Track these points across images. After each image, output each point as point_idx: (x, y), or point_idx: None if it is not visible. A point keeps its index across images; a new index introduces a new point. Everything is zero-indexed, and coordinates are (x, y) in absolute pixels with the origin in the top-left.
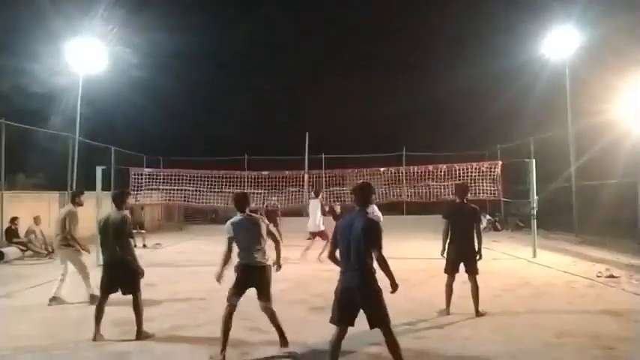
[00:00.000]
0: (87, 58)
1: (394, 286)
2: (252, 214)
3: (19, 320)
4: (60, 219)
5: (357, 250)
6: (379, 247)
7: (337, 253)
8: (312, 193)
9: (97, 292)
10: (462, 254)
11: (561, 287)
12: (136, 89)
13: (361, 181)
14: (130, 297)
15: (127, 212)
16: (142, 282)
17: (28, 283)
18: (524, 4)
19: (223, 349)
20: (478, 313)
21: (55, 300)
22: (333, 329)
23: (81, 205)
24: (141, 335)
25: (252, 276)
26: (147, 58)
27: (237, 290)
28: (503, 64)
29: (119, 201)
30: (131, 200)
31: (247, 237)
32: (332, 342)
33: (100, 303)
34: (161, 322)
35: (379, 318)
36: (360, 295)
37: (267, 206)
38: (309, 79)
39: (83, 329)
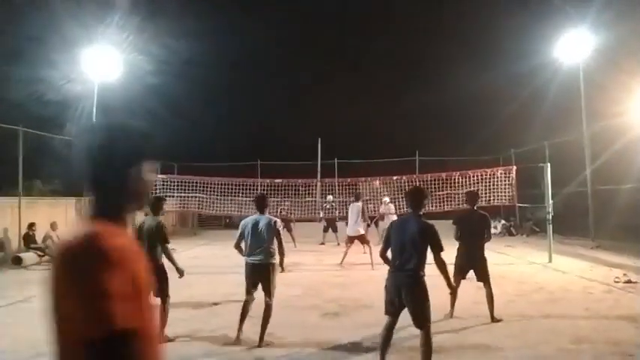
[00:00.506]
0: (102, 66)
1: (450, 287)
2: (271, 216)
3: (38, 325)
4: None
5: (410, 251)
6: (440, 249)
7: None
8: (353, 197)
9: None
10: (471, 261)
11: (578, 292)
12: (150, 96)
13: (414, 185)
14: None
15: (161, 218)
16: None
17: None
18: (537, 8)
19: (239, 329)
20: (493, 319)
21: None
22: (345, 334)
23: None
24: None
25: (258, 273)
26: (161, 65)
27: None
28: (516, 67)
29: (155, 207)
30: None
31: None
32: (382, 331)
33: None
34: (175, 326)
35: (423, 318)
36: (407, 294)
37: (280, 212)
38: (322, 85)
39: None
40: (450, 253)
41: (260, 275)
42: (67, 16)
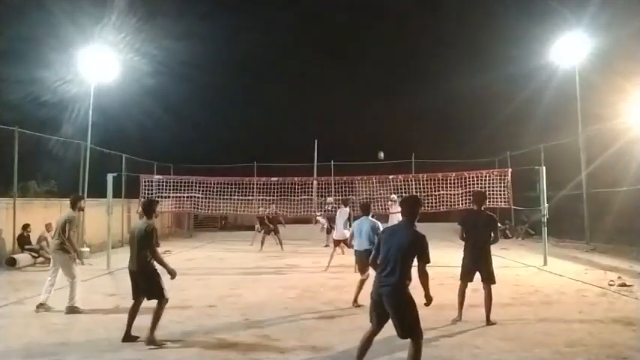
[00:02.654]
0: (99, 67)
1: (428, 298)
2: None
3: (31, 326)
4: (60, 223)
5: (396, 260)
6: (427, 260)
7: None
8: (342, 203)
9: (80, 305)
10: (477, 262)
11: (572, 296)
12: (146, 97)
13: (410, 194)
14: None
15: (153, 221)
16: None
17: (39, 290)
18: (534, 11)
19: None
20: (489, 322)
21: (42, 306)
22: (341, 337)
23: (82, 209)
24: (149, 339)
25: None
26: (158, 66)
27: None
28: (513, 70)
29: (149, 210)
30: (159, 209)
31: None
32: (362, 339)
33: (131, 307)
34: (170, 329)
35: (408, 328)
36: (388, 302)
37: (268, 213)
38: (318, 87)
39: (94, 335)
40: (451, 253)
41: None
42: (64, 17)
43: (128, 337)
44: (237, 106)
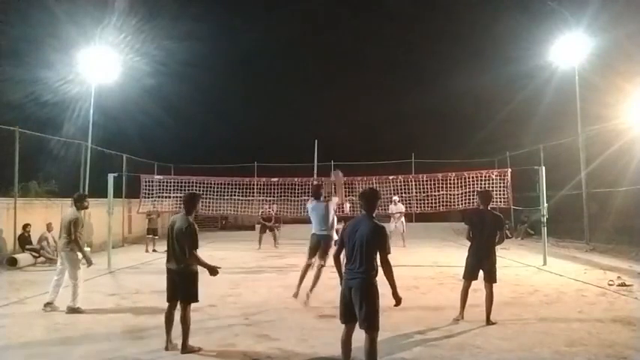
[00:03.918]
0: (100, 67)
1: (396, 297)
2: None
3: (32, 326)
4: (65, 223)
5: (361, 253)
6: (387, 251)
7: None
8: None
9: (80, 304)
10: (482, 261)
11: (572, 295)
12: (147, 97)
13: (368, 187)
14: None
15: (191, 218)
16: (150, 289)
17: (40, 290)
18: (533, 11)
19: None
20: (489, 322)
21: (49, 305)
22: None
23: (85, 208)
24: (186, 349)
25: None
26: (158, 66)
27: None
28: (512, 70)
29: (190, 205)
30: (147, 206)
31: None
32: (341, 344)
33: (167, 311)
34: None
35: (368, 320)
36: (356, 294)
37: (262, 213)
38: (319, 87)
39: (94, 336)
40: (451, 253)
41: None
42: (65, 18)
43: (173, 347)
44: (237, 106)
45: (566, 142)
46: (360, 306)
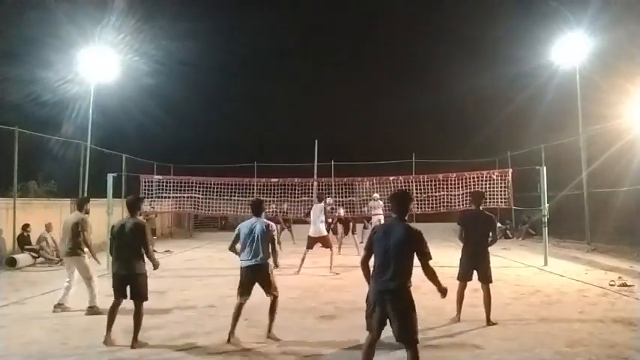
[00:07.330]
0: (99, 67)
1: (443, 290)
2: (266, 220)
3: (31, 326)
4: (70, 226)
5: (396, 260)
6: (428, 257)
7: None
8: (316, 198)
9: (71, 305)
10: (475, 262)
11: (573, 296)
12: (146, 97)
13: (399, 189)
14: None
15: (141, 218)
16: (151, 289)
17: (39, 290)
18: (534, 11)
19: (231, 331)
20: (489, 322)
21: (60, 307)
22: (343, 337)
23: (87, 212)
24: (136, 343)
25: (256, 273)
26: (158, 66)
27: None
28: (513, 70)
29: (134, 208)
30: (146, 207)
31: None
32: (363, 349)
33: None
34: (170, 329)
35: (406, 331)
36: (391, 306)
37: (276, 212)
38: (318, 86)
39: (93, 336)
40: (451, 254)
41: (258, 275)
42: (64, 17)
43: (111, 342)
44: (237, 106)
45: (568, 141)
46: (397, 318)
